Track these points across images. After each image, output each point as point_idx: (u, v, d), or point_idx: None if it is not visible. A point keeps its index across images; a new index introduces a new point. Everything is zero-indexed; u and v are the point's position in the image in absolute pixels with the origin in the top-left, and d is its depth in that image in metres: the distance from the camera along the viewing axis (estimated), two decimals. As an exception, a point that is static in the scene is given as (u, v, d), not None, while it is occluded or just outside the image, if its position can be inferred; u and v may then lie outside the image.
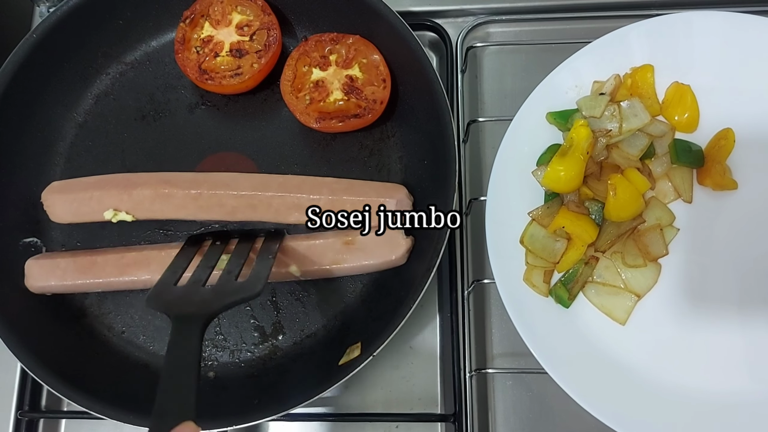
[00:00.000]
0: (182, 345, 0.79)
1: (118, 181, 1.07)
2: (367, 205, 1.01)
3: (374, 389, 1.06)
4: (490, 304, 1.08)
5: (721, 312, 0.94)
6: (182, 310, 0.85)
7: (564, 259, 0.96)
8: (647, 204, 0.97)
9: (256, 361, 1.03)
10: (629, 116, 0.98)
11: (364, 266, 1.01)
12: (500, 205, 0.99)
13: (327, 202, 1.02)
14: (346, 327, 1.03)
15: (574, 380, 0.90)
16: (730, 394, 0.90)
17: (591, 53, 1.03)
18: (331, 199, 1.02)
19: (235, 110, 1.15)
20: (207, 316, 0.83)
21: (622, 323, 0.95)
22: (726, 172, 0.97)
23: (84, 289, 1.06)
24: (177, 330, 0.82)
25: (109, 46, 1.16)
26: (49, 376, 0.96)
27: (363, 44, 1.08)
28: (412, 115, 1.08)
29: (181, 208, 1.05)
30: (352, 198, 1.02)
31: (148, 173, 1.08)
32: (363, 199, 1.02)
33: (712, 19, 1.00)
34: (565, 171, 0.95)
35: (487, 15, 1.20)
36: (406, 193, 1.04)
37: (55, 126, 1.14)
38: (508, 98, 1.17)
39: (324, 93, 1.09)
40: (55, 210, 1.07)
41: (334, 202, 1.02)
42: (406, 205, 1.03)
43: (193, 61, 1.11)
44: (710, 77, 1.00)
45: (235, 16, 1.13)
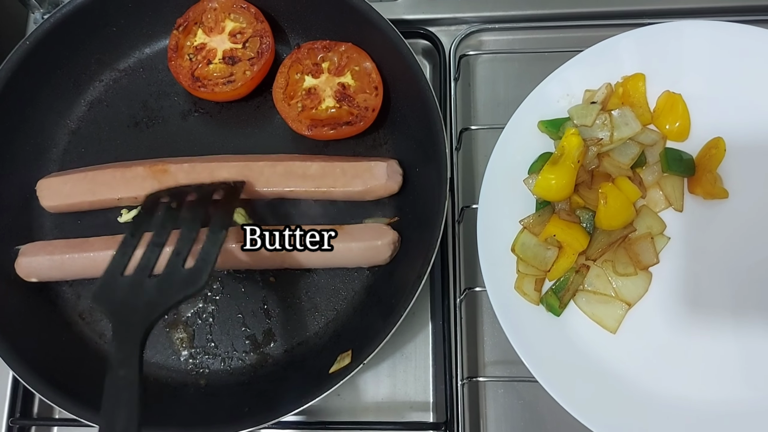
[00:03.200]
0: (124, 364, 0.79)
1: (112, 165, 1.08)
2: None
3: (366, 397, 1.06)
4: (483, 312, 1.08)
5: (712, 320, 0.94)
6: (125, 316, 0.84)
7: (555, 267, 0.96)
8: (638, 212, 0.97)
9: (247, 369, 1.03)
10: (620, 125, 0.99)
11: (351, 250, 1.01)
12: (492, 213, 0.99)
13: (319, 167, 1.03)
14: (337, 335, 1.03)
15: (564, 389, 0.90)
16: (722, 402, 0.90)
17: (582, 62, 1.03)
18: (323, 165, 1.03)
19: (228, 117, 1.15)
20: (147, 327, 0.82)
21: (613, 332, 0.95)
22: (717, 181, 0.97)
23: (74, 270, 1.05)
24: (118, 340, 0.82)
25: (103, 53, 1.17)
26: (40, 384, 0.96)
27: (355, 52, 1.09)
28: (404, 122, 1.09)
29: (173, 183, 1.04)
30: (343, 163, 1.03)
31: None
32: (355, 162, 1.03)
33: (702, 29, 1.01)
34: (556, 179, 0.96)
35: (480, 23, 1.21)
36: (396, 163, 1.05)
37: (48, 133, 1.15)
38: (501, 106, 1.18)
39: (316, 100, 1.09)
40: (48, 194, 1.07)
41: (325, 167, 1.03)
42: (397, 172, 1.04)
43: (186, 68, 1.11)
44: (701, 86, 1.01)
45: (228, 24, 1.13)
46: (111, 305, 0.87)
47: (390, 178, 1.03)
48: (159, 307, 0.85)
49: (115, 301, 0.87)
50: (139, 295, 0.87)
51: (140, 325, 0.82)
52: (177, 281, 0.88)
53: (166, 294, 0.87)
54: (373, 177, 1.03)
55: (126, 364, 0.78)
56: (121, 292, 0.88)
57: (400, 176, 1.05)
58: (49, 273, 1.05)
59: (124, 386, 0.77)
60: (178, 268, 0.89)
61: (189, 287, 0.87)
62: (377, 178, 1.03)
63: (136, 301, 0.86)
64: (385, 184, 1.03)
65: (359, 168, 1.04)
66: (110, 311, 0.86)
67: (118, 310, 0.86)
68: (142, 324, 0.83)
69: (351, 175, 1.03)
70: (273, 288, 1.06)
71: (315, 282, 1.06)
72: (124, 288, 0.89)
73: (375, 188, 1.03)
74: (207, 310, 1.06)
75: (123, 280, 0.90)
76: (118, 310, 0.86)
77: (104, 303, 0.88)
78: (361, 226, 1.03)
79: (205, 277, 0.88)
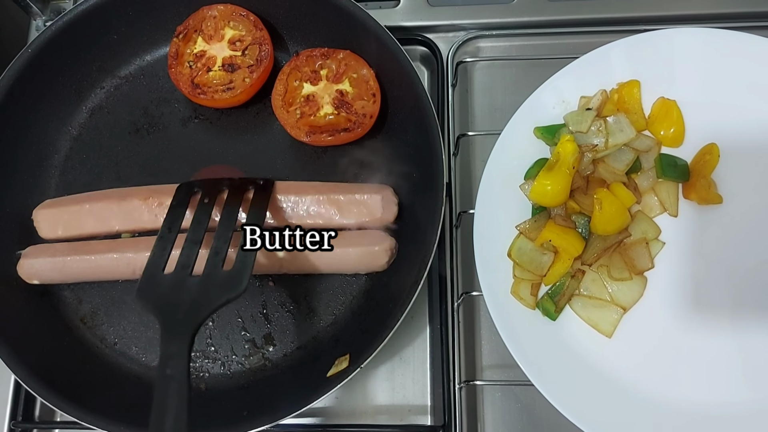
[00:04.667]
0: (173, 361, 0.80)
1: (109, 194, 1.08)
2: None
3: (364, 400, 1.07)
4: (480, 316, 1.08)
5: (708, 324, 0.95)
6: (171, 314, 0.86)
7: (551, 272, 0.97)
8: (633, 218, 0.98)
9: (246, 373, 1.04)
10: (615, 131, 1.00)
11: (349, 255, 1.02)
12: (488, 218, 1.00)
13: (314, 200, 1.04)
14: (335, 339, 1.04)
15: (561, 392, 0.91)
16: (719, 404, 0.91)
17: (578, 69, 1.04)
18: (319, 198, 1.04)
19: (227, 123, 1.16)
20: (195, 327, 0.84)
21: (609, 336, 0.96)
22: (711, 186, 0.98)
23: (76, 272, 1.06)
24: (166, 338, 0.83)
25: (104, 61, 1.18)
26: (42, 388, 0.97)
27: (353, 59, 1.10)
28: (402, 129, 1.10)
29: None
30: (338, 196, 1.04)
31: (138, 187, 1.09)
32: (349, 197, 1.04)
33: (696, 36, 1.02)
34: (551, 185, 0.97)
35: (477, 30, 1.22)
36: (391, 192, 1.05)
37: (50, 139, 1.16)
38: (498, 112, 1.19)
39: (314, 107, 1.10)
40: (46, 226, 1.08)
41: (321, 201, 1.04)
42: (392, 203, 1.04)
43: (186, 75, 1.12)
44: (695, 92, 1.02)
45: (227, 31, 1.14)
46: (156, 302, 0.88)
47: (386, 210, 1.03)
48: (204, 308, 0.87)
49: (160, 299, 0.88)
50: (183, 293, 0.89)
51: (188, 324, 0.84)
52: (218, 283, 0.90)
53: (208, 295, 0.88)
54: (370, 212, 1.03)
55: (174, 362, 0.80)
56: (165, 289, 0.90)
57: (395, 206, 1.05)
58: (51, 275, 1.06)
59: (173, 384, 0.78)
60: (218, 269, 0.91)
61: (230, 291, 0.89)
62: (373, 212, 1.03)
63: (180, 299, 0.88)
64: (380, 218, 1.03)
65: (354, 200, 1.04)
66: (156, 308, 0.87)
67: (163, 308, 0.87)
68: (190, 323, 0.84)
69: (347, 209, 1.04)
70: (272, 292, 1.07)
71: (313, 286, 1.07)
72: (167, 285, 0.90)
73: (371, 222, 1.04)
74: (207, 314, 1.07)
75: (165, 277, 0.91)
76: (164, 307, 0.87)
77: (149, 300, 0.89)
78: (359, 231, 1.04)
79: (245, 281, 0.90)
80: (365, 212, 1.03)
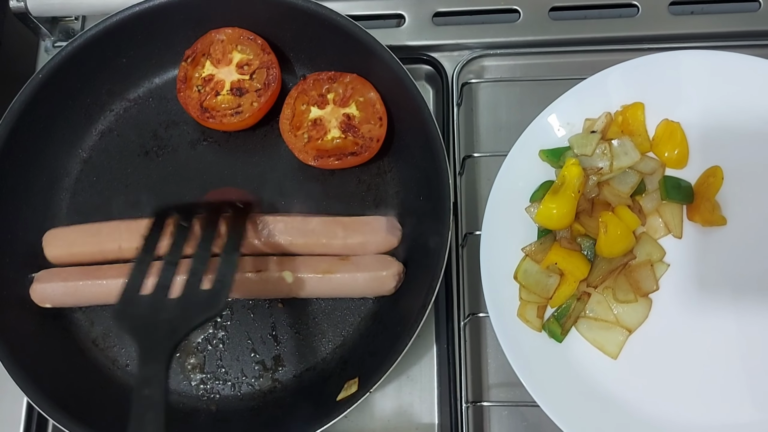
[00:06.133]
0: (148, 381, 0.81)
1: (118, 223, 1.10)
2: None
3: (372, 419, 1.08)
4: (486, 336, 1.09)
5: (713, 346, 0.96)
6: (148, 335, 0.86)
7: (557, 294, 0.98)
8: (638, 240, 0.99)
9: (257, 394, 1.05)
10: (620, 154, 1.00)
11: (357, 280, 1.03)
12: (494, 241, 1.01)
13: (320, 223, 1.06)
14: (344, 361, 1.05)
15: (567, 414, 0.92)
16: (727, 426, 0.92)
17: (582, 91, 1.05)
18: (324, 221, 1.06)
19: (236, 146, 1.17)
20: (172, 347, 0.85)
21: (614, 357, 0.97)
22: (715, 208, 0.99)
23: (87, 296, 1.07)
24: (143, 359, 0.84)
25: (113, 84, 1.19)
26: (54, 410, 0.98)
27: (360, 83, 1.11)
28: (408, 151, 1.11)
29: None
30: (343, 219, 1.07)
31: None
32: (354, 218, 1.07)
33: (700, 57, 1.02)
34: (557, 208, 0.98)
35: (482, 49, 1.22)
36: (395, 219, 1.08)
37: (60, 162, 1.17)
38: (503, 131, 1.19)
39: (322, 131, 1.11)
40: (53, 246, 1.10)
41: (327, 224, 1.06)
42: (396, 227, 1.06)
43: (194, 99, 1.13)
44: (699, 115, 1.03)
45: (235, 55, 1.15)
46: (133, 323, 0.89)
47: (389, 233, 1.05)
48: (182, 328, 0.87)
49: (137, 320, 0.89)
50: (160, 314, 0.89)
51: (165, 345, 0.84)
52: (196, 303, 0.90)
53: (187, 315, 0.89)
54: (373, 233, 1.05)
55: (151, 383, 0.81)
56: (142, 310, 0.90)
57: (399, 231, 1.06)
58: (63, 299, 1.08)
59: (149, 406, 0.78)
60: (195, 289, 0.92)
61: (208, 310, 0.90)
62: (377, 233, 1.05)
63: (158, 320, 0.88)
64: (384, 238, 1.05)
65: (358, 223, 1.06)
66: (133, 329, 0.88)
67: (140, 329, 0.88)
68: (167, 343, 0.85)
69: (351, 230, 1.05)
70: (281, 314, 1.08)
71: (322, 308, 1.08)
72: (144, 306, 0.90)
73: (375, 247, 1.06)
74: (217, 335, 1.08)
75: (143, 298, 0.91)
76: (141, 328, 0.88)
77: (126, 321, 0.89)
78: (367, 256, 1.05)
79: (223, 300, 0.91)
80: (370, 242, 1.05)
